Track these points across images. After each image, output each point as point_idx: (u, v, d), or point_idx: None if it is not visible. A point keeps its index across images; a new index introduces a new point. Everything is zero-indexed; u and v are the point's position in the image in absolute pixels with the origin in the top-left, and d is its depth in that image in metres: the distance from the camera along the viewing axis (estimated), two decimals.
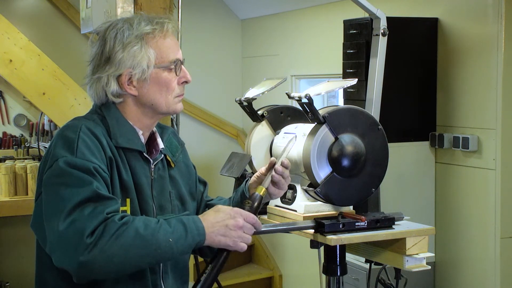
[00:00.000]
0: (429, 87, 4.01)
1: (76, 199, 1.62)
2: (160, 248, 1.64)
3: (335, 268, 2.18)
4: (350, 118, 2.10)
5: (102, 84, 1.80)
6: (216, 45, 6.33)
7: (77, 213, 1.60)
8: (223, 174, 2.34)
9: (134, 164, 1.81)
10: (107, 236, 1.59)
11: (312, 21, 5.37)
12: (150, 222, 1.66)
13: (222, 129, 6.32)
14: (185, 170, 2.02)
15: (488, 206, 3.76)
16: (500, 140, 3.68)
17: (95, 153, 1.70)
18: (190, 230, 1.69)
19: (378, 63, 2.47)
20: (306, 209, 2.12)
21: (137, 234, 1.62)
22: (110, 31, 1.81)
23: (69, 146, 1.69)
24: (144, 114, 1.85)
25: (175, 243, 1.66)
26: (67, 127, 1.77)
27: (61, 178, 1.66)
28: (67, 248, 1.59)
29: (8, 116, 6.10)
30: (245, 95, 2.34)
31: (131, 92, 1.81)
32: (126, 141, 1.80)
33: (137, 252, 1.62)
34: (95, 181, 1.66)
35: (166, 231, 1.65)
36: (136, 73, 1.79)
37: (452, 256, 4.01)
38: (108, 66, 1.79)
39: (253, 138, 2.34)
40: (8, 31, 5.27)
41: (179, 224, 1.69)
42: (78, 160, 1.66)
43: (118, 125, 1.81)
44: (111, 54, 1.79)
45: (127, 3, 2.65)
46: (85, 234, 1.58)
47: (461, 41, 3.87)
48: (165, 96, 1.84)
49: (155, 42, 1.82)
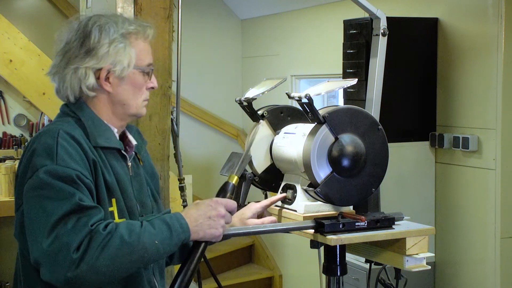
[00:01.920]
0: (429, 87, 4.02)
1: (58, 212, 1.58)
2: (147, 252, 1.63)
3: (335, 268, 2.18)
4: (350, 118, 2.10)
5: (79, 76, 1.77)
6: (216, 45, 6.33)
7: (60, 227, 1.57)
8: (223, 174, 2.34)
9: (114, 163, 1.80)
10: (93, 248, 1.57)
11: (312, 21, 5.37)
12: (134, 226, 1.64)
13: (222, 129, 6.33)
14: (150, 169, 2.02)
15: (488, 206, 3.76)
16: (500, 140, 3.68)
17: (76, 159, 1.67)
18: (174, 229, 1.68)
19: (378, 63, 2.46)
20: (306, 209, 2.12)
21: (123, 242, 1.60)
22: (94, 25, 1.80)
23: (49, 153, 1.64)
24: (115, 114, 1.84)
25: (161, 244, 1.65)
26: (44, 133, 1.71)
27: (43, 190, 1.62)
28: (53, 264, 1.56)
29: (8, 116, 6.10)
30: (245, 95, 2.33)
31: (107, 88, 1.80)
32: (104, 141, 1.78)
33: (125, 260, 1.61)
34: (78, 192, 1.62)
35: (150, 234, 1.64)
36: (116, 70, 1.78)
37: (452, 256, 4.01)
38: (89, 58, 1.77)
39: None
40: (8, 31, 5.28)
41: (163, 224, 1.68)
42: (59, 168, 1.62)
43: (95, 125, 1.79)
44: (95, 47, 1.77)
45: (127, 3, 2.65)
46: (71, 249, 1.55)
47: (461, 41, 3.87)
48: (136, 98, 1.85)
49: (137, 44, 1.83)
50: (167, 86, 2.78)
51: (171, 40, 2.79)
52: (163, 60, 2.75)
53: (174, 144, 2.88)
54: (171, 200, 2.91)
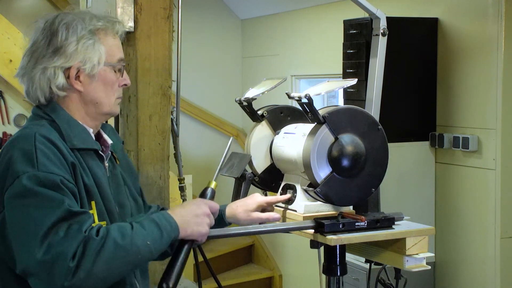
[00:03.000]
0: (429, 87, 4.01)
1: (49, 221, 1.54)
2: (140, 253, 1.62)
3: (335, 268, 2.18)
4: (350, 118, 2.09)
5: (47, 76, 1.73)
6: (216, 45, 6.33)
7: (53, 236, 1.53)
8: (223, 174, 2.34)
9: (91, 164, 1.76)
10: (89, 255, 1.54)
11: (312, 21, 5.37)
12: (125, 229, 1.62)
13: (222, 129, 6.33)
14: (128, 168, 1.99)
15: (488, 206, 3.76)
16: (500, 140, 3.68)
17: (57, 163, 1.62)
18: (164, 228, 1.67)
19: (378, 63, 2.46)
20: (306, 209, 2.12)
21: (117, 246, 1.58)
22: (60, 23, 1.76)
23: (28, 158, 1.59)
24: (88, 113, 1.80)
25: (153, 245, 1.64)
26: (19, 138, 1.66)
27: (28, 198, 1.57)
28: (49, 274, 1.52)
29: (8, 116, 6.09)
30: (245, 95, 2.33)
31: (77, 87, 1.75)
32: (81, 142, 1.75)
33: (120, 263, 1.59)
34: (65, 197, 1.58)
35: (142, 235, 1.63)
36: (86, 68, 1.74)
37: (452, 256, 4.01)
38: (57, 57, 1.73)
39: (253, 138, 2.34)
40: (8, 31, 5.28)
41: (152, 224, 1.66)
42: (41, 174, 1.58)
43: (70, 127, 1.74)
44: (63, 45, 1.73)
45: (127, 3, 2.65)
46: (67, 258, 1.52)
47: (461, 41, 3.87)
48: (109, 96, 1.81)
49: (106, 40, 1.79)
50: (167, 86, 2.77)
51: (171, 40, 2.79)
52: (163, 60, 2.75)
53: (174, 144, 2.88)
54: (171, 200, 2.90)
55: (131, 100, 2.74)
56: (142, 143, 2.73)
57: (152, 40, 2.72)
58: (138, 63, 2.71)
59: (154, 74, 2.74)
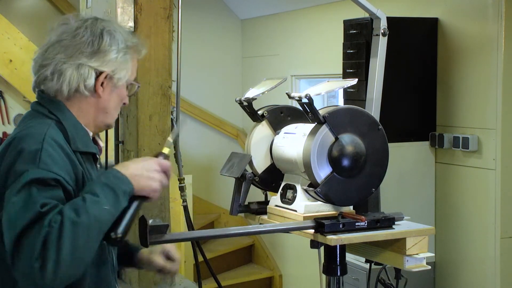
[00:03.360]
0: (429, 87, 4.02)
1: (22, 222, 1.54)
2: (101, 222, 1.59)
3: (335, 268, 2.18)
4: (350, 118, 2.10)
5: (81, 73, 1.76)
6: (216, 45, 6.33)
7: (23, 240, 1.53)
8: (223, 174, 2.34)
9: (89, 168, 1.78)
10: (51, 247, 1.51)
11: (312, 21, 5.37)
12: (77, 204, 1.58)
13: (222, 129, 6.33)
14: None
15: (488, 206, 3.76)
16: (500, 140, 3.68)
17: (60, 164, 1.64)
18: (116, 186, 1.65)
19: (378, 63, 2.46)
20: (306, 209, 2.12)
21: (75, 224, 1.54)
22: (105, 28, 1.79)
23: (32, 157, 1.61)
24: (95, 119, 1.82)
25: (112, 207, 1.62)
26: (28, 137, 1.67)
27: (18, 195, 1.59)
28: (26, 280, 1.54)
29: (8, 116, 6.10)
30: (245, 95, 2.34)
31: (100, 92, 1.79)
32: (84, 146, 1.77)
33: (85, 239, 1.56)
34: (46, 198, 1.57)
35: (96, 203, 1.59)
36: (115, 77, 1.80)
37: (452, 256, 4.01)
38: (95, 59, 1.76)
39: (253, 138, 2.34)
40: (8, 31, 5.28)
41: (104, 187, 1.63)
42: (40, 171, 1.59)
43: (76, 130, 1.77)
44: (106, 50, 1.77)
45: (127, 3, 2.65)
46: (32, 260, 1.51)
47: (461, 41, 3.87)
48: (117, 109, 1.86)
49: (133, 58, 1.86)
50: (167, 86, 2.78)
51: (171, 40, 2.79)
52: (163, 60, 2.75)
53: (174, 144, 2.88)
54: (171, 200, 2.91)
55: (131, 100, 2.73)
56: (142, 143, 2.73)
57: (152, 40, 2.72)
58: (138, 63, 2.70)
59: (154, 74, 2.74)
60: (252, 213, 2.33)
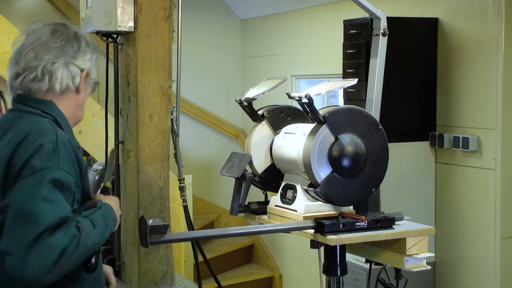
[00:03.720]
0: (429, 87, 4.02)
1: (48, 221, 1.61)
2: (94, 249, 1.72)
3: (335, 268, 2.18)
4: (350, 118, 2.10)
5: (71, 71, 1.84)
6: (216, 45, 6.33)
7: (45, 238, 1.60)
8: (223, 174, 2.34)
9: None
10: (64, 258, 1.60)
11: (312, 21, 5.37)
12: (90, 228, 1.69)
13: (222, 129, 6.32)
14: None
15: (488, 206, 3.76)
16: (500, 140, 3.68)
17: (70, 165, 1.71)
18: (110, 226, 1.81)
19: (378, 63, 2.47)
20: (306, 209, 2.12)
21: (83, 247, 1.65)
22: (78, 31, 1.90)
23: (51, 155, 1.66)
24: (73, 116, 1.90)
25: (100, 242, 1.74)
26: (39, 133, 1.71)
27: (40, 192, 1.64)
28: (26, 267, 1.57)
29: None
30: (245, 95, 2.34)
31: (81, 88, 1.87)
32: (75, 142, 1.82)
33: (81, 259, 1.68)
34: (68, 202, 1.67)
35: (97, 234, 1.72)
36: (90, 75, 1.90)
37: (452, 256, 4.01)
38: (79, 57, 1.86)
39: (253, 138, 2.34)
40: (8, 31, 5.27)
41: (105, 221, 1.78)
42: (61, 173, 1.66)
43: (67, 127, 1.85)
44: (85, 50, 1.87)
45: (127, 3, 2.65)
46: (51, 259, 1.58)
47: (461, 41, 3.87)
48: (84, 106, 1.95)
49: (98, 58, 1.96)
50: (167, 86, 2.77)
51: (171, 40, 2.79)
52: (163, 60, 2.75)
53: (174, 144, 2.88)
54: (171, 200, 2.90)
55: (131, 100, 2.74)
56: (142, 143, 2.73)
57: (152, 40, 2.72)
58: (138, 63, 2.70)
59: (154, 74, 2.74)
60: (252, 213, 2.34)
